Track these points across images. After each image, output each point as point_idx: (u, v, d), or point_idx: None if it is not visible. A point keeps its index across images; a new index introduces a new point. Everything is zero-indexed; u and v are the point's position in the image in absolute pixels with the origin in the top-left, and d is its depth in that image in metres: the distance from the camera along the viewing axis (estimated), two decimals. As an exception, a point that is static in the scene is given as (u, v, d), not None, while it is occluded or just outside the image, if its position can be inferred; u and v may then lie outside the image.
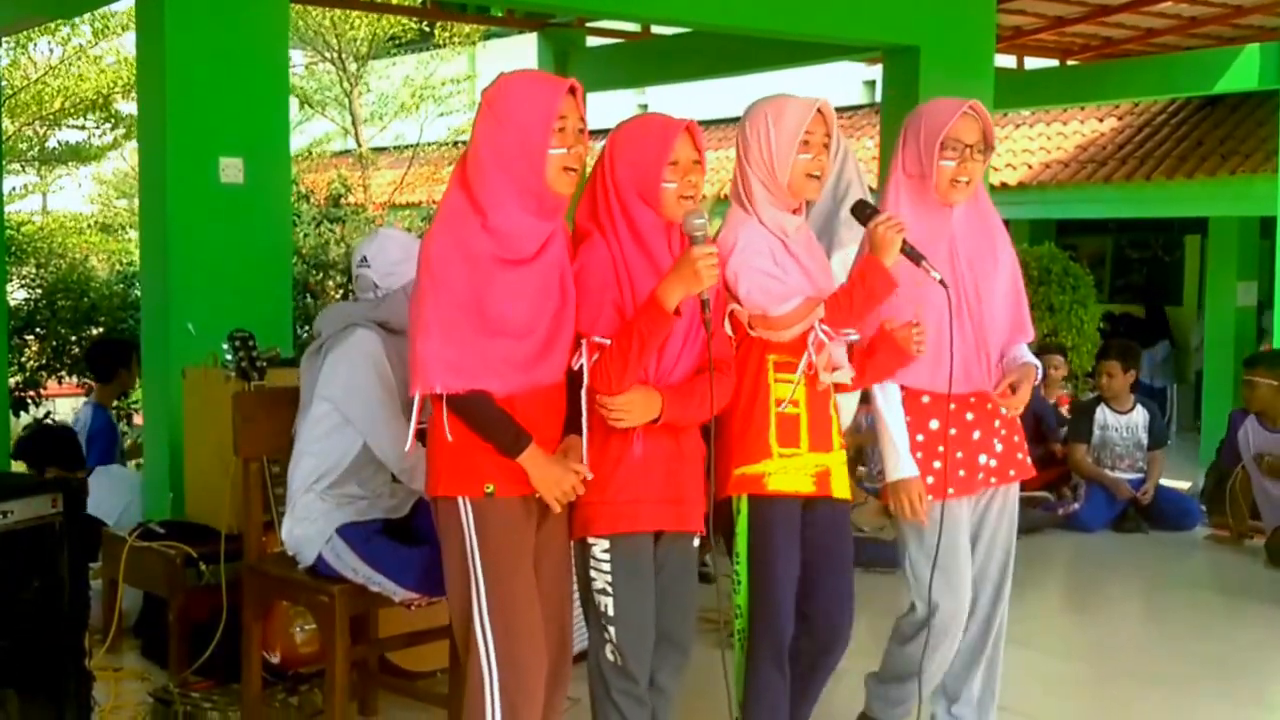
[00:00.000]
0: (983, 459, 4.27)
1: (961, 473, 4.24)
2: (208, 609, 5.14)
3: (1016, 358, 4.29)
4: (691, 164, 3.69)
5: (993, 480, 4.31)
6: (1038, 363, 4.33)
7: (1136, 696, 5.50)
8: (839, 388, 4.07)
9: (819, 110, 3.92)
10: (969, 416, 4.25)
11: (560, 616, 3.79)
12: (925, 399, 4.20)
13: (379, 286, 4.46)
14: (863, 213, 4.02)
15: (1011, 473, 4.36)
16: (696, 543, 3.90)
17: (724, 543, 4.08)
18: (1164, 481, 9.04)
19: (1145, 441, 8.94)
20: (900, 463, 4.20)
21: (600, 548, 3.71)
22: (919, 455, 4.19)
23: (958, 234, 4.21)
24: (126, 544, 5.48)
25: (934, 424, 4.21)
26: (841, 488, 4.06)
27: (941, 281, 3.97)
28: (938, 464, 4.20)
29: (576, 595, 3.87)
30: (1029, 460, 4.46)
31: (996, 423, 4.30)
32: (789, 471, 3.93)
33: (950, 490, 4.21)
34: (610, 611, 3.71)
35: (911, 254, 3.93)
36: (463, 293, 3.47)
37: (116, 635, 5.62)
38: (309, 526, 4.38)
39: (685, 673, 3.95)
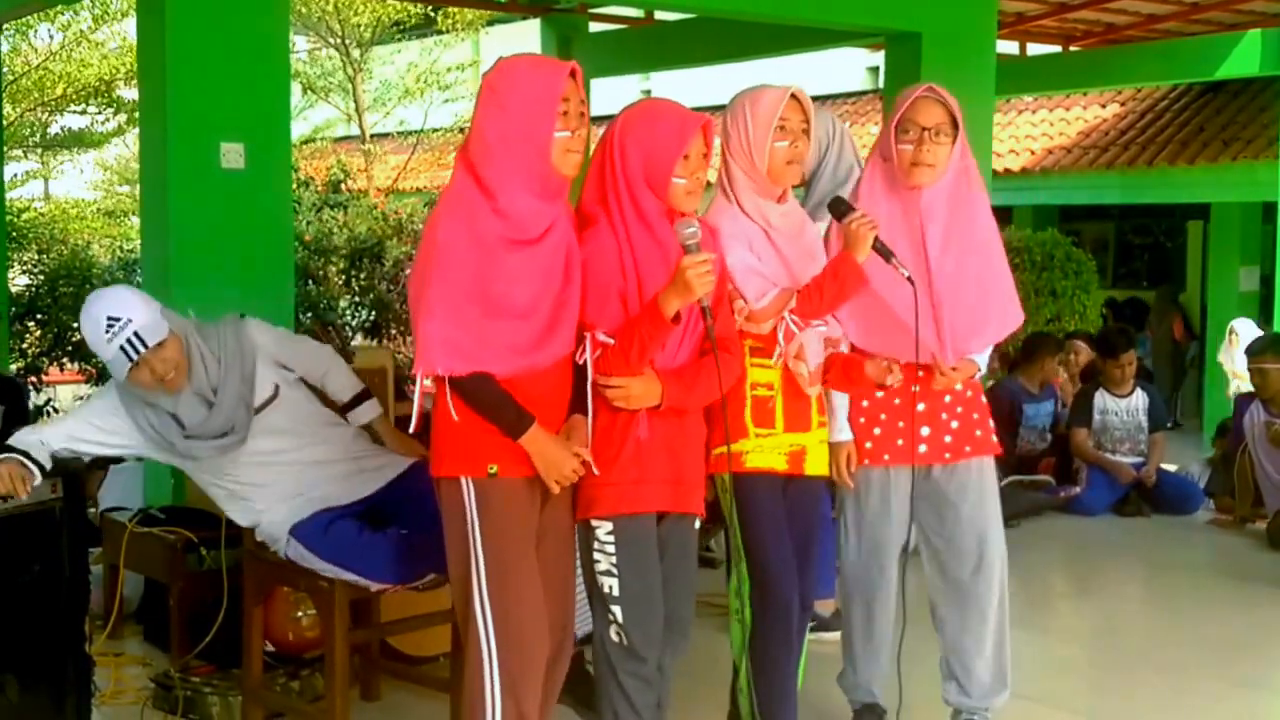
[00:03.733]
0: (925, 431, 4.35)
1: (900, 441, 4.35)
2: (209, 594, 5.13)
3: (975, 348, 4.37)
4: (701, 159, 3.74)
5: (946, 456, 4.38)
6: (981, 365, 4.41)
7: (1139, 679, 5.53)
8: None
9: (793, 96, 3.98)
10: (915, 389, 4.31)
11: (563, 598, 3.81)
12: (902, 359, 4.26)
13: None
14: (838, 209, 4.11)
15: (967, 449, 4.41)
16: (697, 525, 3.94)
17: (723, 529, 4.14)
18: (1164, 465, 9.05)
19: (1145, 424, 8.95)
20: (837, 427, 4.32)
21: (604, 529, 3.73)
22: (862, 420, 4.30)
23: (928, 215, 4.24)
24: (127, 530, 5.49)
25: (879, 392, 4.31)
26: (816, 465, 4.18)
27: (910, 279, 4.04)
28: (877, 430, 4.33)
29: (580, 577, 3.89)
30: (994, 438, 4.52)
31: (947, 398, 4.37)
32: (764, 450, 4.05)
33: (885, 457, 4.35)
34: (615, 592, 3.73)
35: (882, 250, 4.03)
36: (468, 275, 3.49)
37: (117, 621, 5.63)
38: (262, 532, 4.41)
39: (684, 654, 3.97)
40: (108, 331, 4.06)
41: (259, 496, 4.39)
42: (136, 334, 4.07)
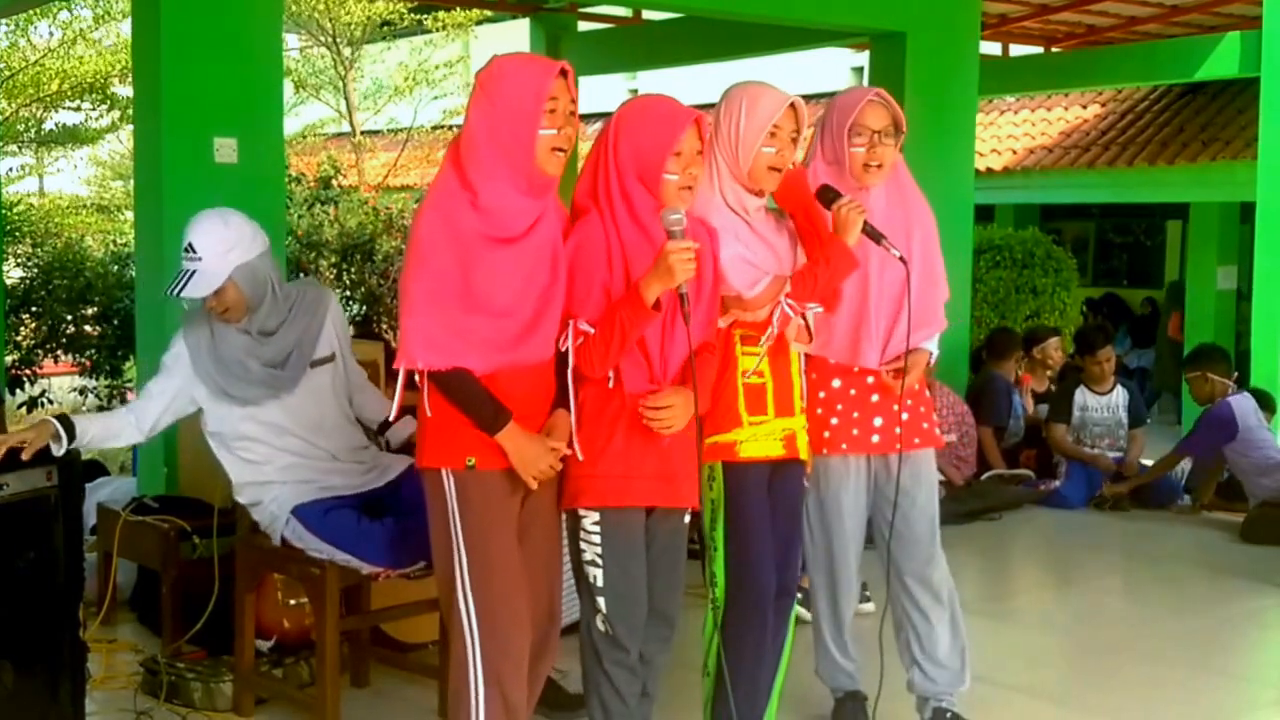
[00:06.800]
0: (877, 421, 4.45)
1: (855, 431, 4.44)
2: (201, 582, 5.19)
3: (918, 340, 4.44)
4: (694, 155, 3.75)
5: (897, 446, 4.45)
6: (933, 350, 4.53)
7: (1114, 669, 5.59)
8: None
9: (792, 105, 3.99)
10: (869, 380, 4.44)
11: (549, 587, 3.86)
12: (831, 359, 4.40)
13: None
14: (826, 196, 4.18)
15: (916, 440, 4.51)
16: (687, 519, 3.97)
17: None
18: (1144, 460, 9.15)
19: (1125, 420, 9.07)
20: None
21: (590, 520, 3.76)
22: (819, 410, 4.38)
23: (874, 214, 4.30)
24: (121, 518, 5.54)
25: (835, 382, 4.42)
26: (804, 449, 4.22)
27: (901, 259, 4.17)
28: (834, 420, 4.42)
29: (568, 566, 3.93)
30: (937, 431, 4.64)
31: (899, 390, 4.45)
32: (759, 438, 4.07)
33: (843, 446, 4.45)
34: (600, 583, 3.77)
35: (872, 233, 4.14)
36: (450, 270, 3.53)
37: (111, 607, 5.64)
38: (263, 511, 4.53)
39: (672, 645, 4.01)
40: (183, 254, 4.40)
41: (270, 471, 4.53)
42: (192, 275, 4.38)
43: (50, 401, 12.01)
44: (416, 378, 3.63)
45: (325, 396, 4.65)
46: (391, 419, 3.89)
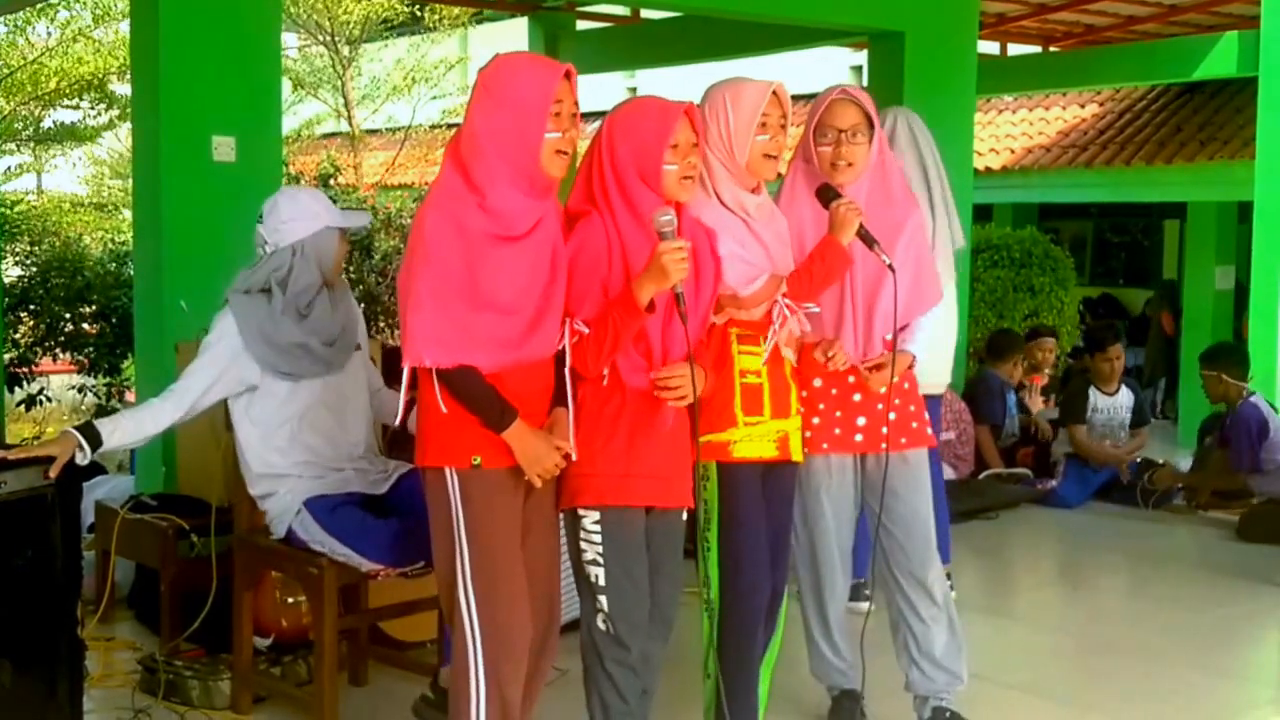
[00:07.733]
0: (861, 421, 4.44)
1: (837, 430, 4.44)
2: (199, 580, 5.20)
3: (901, 339, 4.43)
4: (690, 146, 3.77)
5: (882, 446, 4.45)
6: (915, 353, 4.49)
7: (1112, 667, 5.61)
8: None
9: (774, 93, 4.04)
10: (850, 380, 4.42)
11: (548, 586, 3.87)
12: (816, 355, 4.37)
13: (267, 243, 4.63)
14: (825, 195, 4.22)
15: (903, 440, 4.50)
16: (684, 516, 3.99)
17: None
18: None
19: (1128, 421, 9.08)
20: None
21: (591, 519, 3.77)
22: (801, 410, 4.34)
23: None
24: (119, 516, 5.55)
25: (817, 381, 4.41)
26: (798, 451, 4.24)
27: (890, 266, 4.17)
28: (816, 420, 4.41)
29: (566, 564, 3.94)
30: (928, 430, 4.61)
31: (883, 389, 4.42)
32: (753, 439, 4.10)
33: (824, 445, 4.44)
34: (601, 582, 3.78)
35: (866, 237, 4.15)
36: (456, 269, 3.53)
37: (109, 605, 5.66)
38: (275, 502, 4.54)
39: (669, 643, 4.02)
40: (336, 200, 4.58)
41: (288, 465, 4.54)
42: (346, 207, 4.57)
43: (48, 399, 12.01)
44: (418, 375, 3.63)
45: (359, 380, 4.78)
46: (400, 417, 3.90)
